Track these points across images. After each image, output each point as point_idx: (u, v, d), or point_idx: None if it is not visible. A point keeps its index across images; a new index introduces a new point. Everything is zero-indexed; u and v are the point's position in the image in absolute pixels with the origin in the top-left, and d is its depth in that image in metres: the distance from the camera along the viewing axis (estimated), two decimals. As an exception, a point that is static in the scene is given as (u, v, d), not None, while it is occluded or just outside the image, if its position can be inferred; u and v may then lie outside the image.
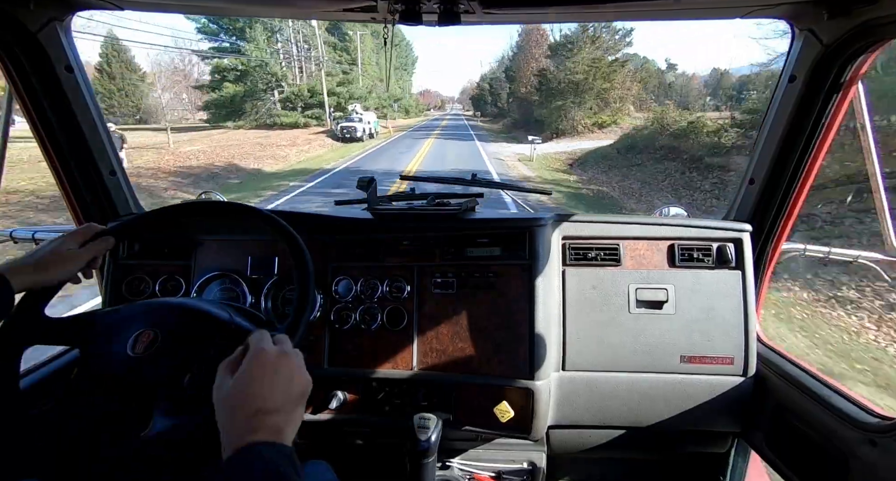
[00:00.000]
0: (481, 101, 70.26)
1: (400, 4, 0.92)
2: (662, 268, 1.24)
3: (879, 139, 1.11)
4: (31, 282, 0.78)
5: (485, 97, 66.76)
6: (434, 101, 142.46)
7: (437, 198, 1.32)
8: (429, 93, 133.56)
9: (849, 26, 0.93)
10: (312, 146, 21.40)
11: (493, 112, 58.82)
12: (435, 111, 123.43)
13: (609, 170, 13.72)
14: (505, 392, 1.19)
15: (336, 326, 1.24)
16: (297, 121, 31.49)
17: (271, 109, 32.53)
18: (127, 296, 1.26)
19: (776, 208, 1.21)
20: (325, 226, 1.29)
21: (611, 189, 11.44)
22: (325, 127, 29.75)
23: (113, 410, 0.75)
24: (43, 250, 0.81)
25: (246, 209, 0.90)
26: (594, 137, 21.58)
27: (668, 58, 66.81)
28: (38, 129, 1.16)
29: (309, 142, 22.36)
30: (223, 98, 32.19)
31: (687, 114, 15.82)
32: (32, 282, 0.78)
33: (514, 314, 1.20)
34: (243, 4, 1.13)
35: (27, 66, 1.08)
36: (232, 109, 32.41)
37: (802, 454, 1.09)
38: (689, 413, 1.24)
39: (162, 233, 1.30)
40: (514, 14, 1.03)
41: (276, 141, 21.62)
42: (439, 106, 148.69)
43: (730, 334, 1.21)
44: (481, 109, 71.13)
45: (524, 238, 1.23)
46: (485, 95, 66.40)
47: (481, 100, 70.18)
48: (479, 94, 71.33)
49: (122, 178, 1.33)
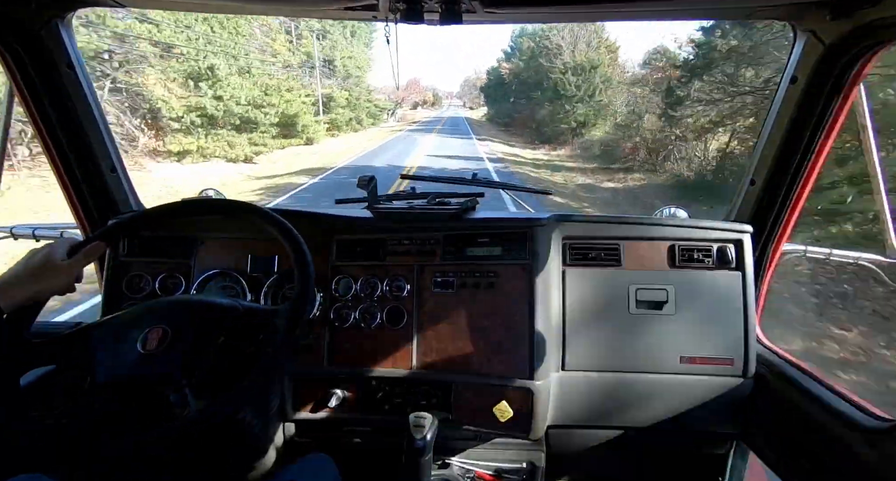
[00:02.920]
0: (497, 93, 40.57)
1: (401, 3, 0.92)
2: (663, 269, 1.24)
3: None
4: (23, 299, 0.73)
5: (507, 88, 36.01)
6: (423, 96, 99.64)
7: (437, 198, 1.32)
8: (416, 84, 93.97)
9: (851, 27, 0.93)
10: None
11: (521, 116, 29.86)
12: (425, 110, 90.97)
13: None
14: (504, 391, 1.19)
15: (336, 325, 1.24)
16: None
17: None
18: (127, 294, 1.26)
19: (777, 209, 1.21)
20: (326, 224, 1.29)
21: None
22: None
23: (118, 410, 0.75)
24: (31, 263, 0.75)
25: (245, 207, 0.90)
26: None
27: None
28: (39, 126, 1.16)
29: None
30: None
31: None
32: (24, 298, 0.73)
33: (514, 314, 1.20)
34: (244, 3, 1.13)
35: (28, 63, 1.08)
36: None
37: (801, 455, 1.09)
38: (689, 414, 1.24)
39: (161, 231, 1.30)
40: (516, 14, 1.03)
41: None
42: (430, 102, 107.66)
43: (730, 335, 1.20)
44: (496, 107, 42.66)
45: (524, 238, 1.23)
46: (509, 85, 35.18)
47: (498, 92, 40.52)
48: (496, 83, 41.56)
49: (123, 175, 1.33)
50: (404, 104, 73.77)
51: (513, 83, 33.59)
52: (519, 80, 31.51)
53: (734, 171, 9.98)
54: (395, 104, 51.38)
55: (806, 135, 1.10)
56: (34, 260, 0.76)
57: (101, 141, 1.24)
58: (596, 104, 21.45)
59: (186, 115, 14.20)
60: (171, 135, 14.19)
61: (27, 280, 0.74)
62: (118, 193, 1.32)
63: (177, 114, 13.95)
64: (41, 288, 0.75)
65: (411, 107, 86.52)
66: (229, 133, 15.90)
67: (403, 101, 61.93)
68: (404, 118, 55.02)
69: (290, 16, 1.52)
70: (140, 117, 13.55)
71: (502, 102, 38.57)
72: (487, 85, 48.92)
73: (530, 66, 28.30)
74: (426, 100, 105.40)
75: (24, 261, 0.76)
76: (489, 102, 50.03)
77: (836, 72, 1.01)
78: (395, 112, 51.70)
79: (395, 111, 52.83)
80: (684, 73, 12.30)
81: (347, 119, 29.47)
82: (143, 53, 13.53)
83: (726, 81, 10.43)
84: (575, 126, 21.56)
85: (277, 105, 18.17)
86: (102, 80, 12.27)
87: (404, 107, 73.97)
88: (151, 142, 13.94)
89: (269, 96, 18.02)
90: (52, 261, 0.76)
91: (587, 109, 21.44)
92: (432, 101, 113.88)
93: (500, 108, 39.54)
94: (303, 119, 20.54)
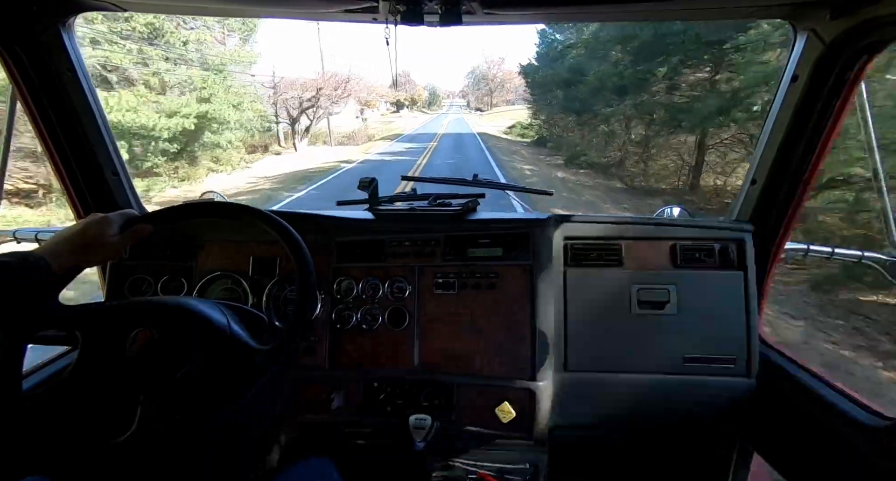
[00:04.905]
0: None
1: (401, 5, 0.93)
2: (664, 269, 1.24)
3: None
4: (73, 265, 0.76)
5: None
6: (413, 93, 74.19)
7: (438, 199, 1.32)
8: (406, 78, 71.85)
9: (851, 26, 0.93)
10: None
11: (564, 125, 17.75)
12: (414, 112, 67.34)
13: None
14: (506, 392, 1.19)
15: (337, 326, 1.24)
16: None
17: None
18: (129, 296, 1.26)
19: (778, 208, 1.21)
20: (327, 226, 1.29)
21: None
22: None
23: (100, 410, 0.76)
24: (86, 233, 0.78)
25: (247, 210, 0.90)
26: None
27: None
28: (41, 130, 1.16)
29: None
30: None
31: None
32: (74, 264, 0.76)
33: (516, 315, 1.20)
34: (244, 5, 1.14)
35: (30, 67, 1.08)
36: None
37: (805, 455, 1.09)
38: (691, 414, 1.23)
39: (163, 234, 1.30)
40: (516, 14, 1.03)
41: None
42: (421, 102, 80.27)
43: (732, 335, 1.20)
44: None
45: (526, 238, 1.23)
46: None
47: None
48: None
49: (124, 178, 1.33)
50: (380, 105, 45.94)
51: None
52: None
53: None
54: (362, 108, 33.60)
55: (806, 134, 1.10)
56: (90, 231, 0.78)
57: (103, 144, 1.24)
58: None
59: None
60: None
61: (79, 249, 0.76)
62: (120, 196, 1.33)
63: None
64: (89, 258, 0.78)
65: (390, 108, 58.27)
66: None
67: (373, 102, 33.73)
68: (359, 136, 27.87)
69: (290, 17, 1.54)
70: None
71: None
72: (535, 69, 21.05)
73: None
74: (415, 99, 75.24)
75: (79, 229, 0.78)
76: (539, 98, 22.29)
77: (836, 71, 1.01)
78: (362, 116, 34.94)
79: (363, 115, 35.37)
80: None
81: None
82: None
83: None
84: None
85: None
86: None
87: (380, 108, 49.05)
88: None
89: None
90: (105, 235, 0.79)
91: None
92: (427, 101, 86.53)
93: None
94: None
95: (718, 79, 9.58)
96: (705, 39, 8.86)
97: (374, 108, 42.53)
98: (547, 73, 19.04)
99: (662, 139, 11.77)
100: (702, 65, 10.18)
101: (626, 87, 11.83)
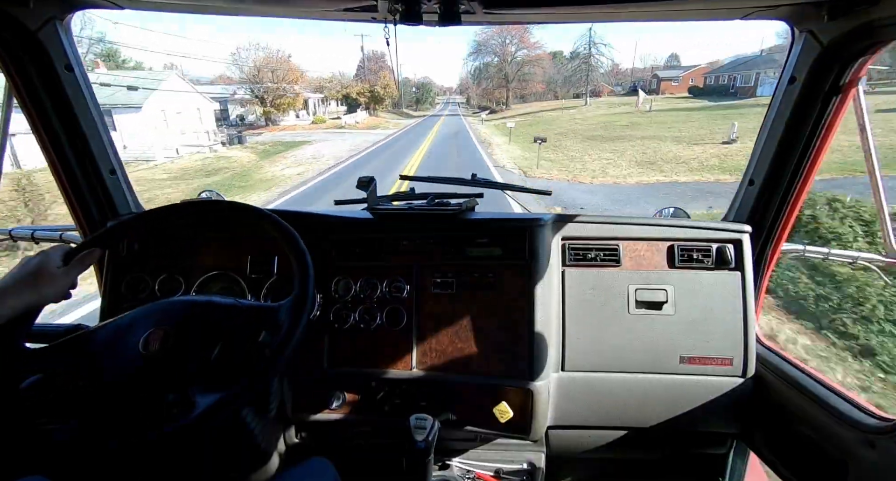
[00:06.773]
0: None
1: (400, 4, 0.92)
2: (662, 269, 1.24)
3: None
4: (18, 307, 0.71)
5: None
6: (379, 81, 45.10)
7: (436, 198, 1.32)
8: (411, 81, 60.61)
9: (849, 27, 0.93)
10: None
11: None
12: (365, 116, 39.14)
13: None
14: (504, 392, 1.19)
15: (335, 326, 1.24)
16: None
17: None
18: (126, 295, 1.25)
19: (776, 209, 1.21)
20: (325, 225, 1.29)
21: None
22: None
23: (120, 412, 0.75)
24: (26, 270, 0.73)
25: (244, 208, 0.90)
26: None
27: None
28: (38, 128, 1.15)
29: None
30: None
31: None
32: (19, 306, 0.71)
33: (514, 314, 1.20)
34: (244, 4, 1.13)
35: (27, 64, 1.07)
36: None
37: (801, 455, 1.09)
38: (689, 413, 1.24)
39: (161, 233, 1.29)
40: (515, 14, 1.03)
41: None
42: (378, 102, 46.23)
43: (729, 335, 1.21)
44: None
45: (524, 238, 1.23)
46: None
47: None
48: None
49: (122, 177, 1.32)
50: (314, 103, 29.63)
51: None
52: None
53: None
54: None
55: (804, 135, 1.10)
56: (28, 267, 0.74)
57: (101, 143, 1.24)
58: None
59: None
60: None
61: (22, 288, 0.72)
62: (117, 195, 1.32)
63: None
64: (36, 296, 0.73)
65: (343, 110, 38.89)
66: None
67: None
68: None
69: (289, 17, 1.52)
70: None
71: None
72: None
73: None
74: (380, 95, 43.83)
75: (18, 268, 0.74)
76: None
77: (834, 71, 1.01)
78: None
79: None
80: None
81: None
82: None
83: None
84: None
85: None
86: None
87: (312, 107, 31.75)
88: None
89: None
90: (47, 269, 0.74)
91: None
92: (413, 98, 60.53)
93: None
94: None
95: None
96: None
97: (293, 110, 27.08)
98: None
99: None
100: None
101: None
